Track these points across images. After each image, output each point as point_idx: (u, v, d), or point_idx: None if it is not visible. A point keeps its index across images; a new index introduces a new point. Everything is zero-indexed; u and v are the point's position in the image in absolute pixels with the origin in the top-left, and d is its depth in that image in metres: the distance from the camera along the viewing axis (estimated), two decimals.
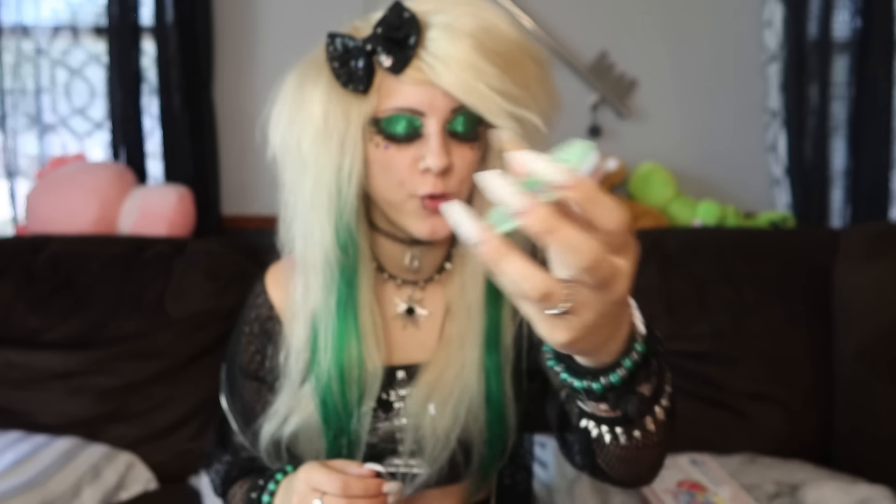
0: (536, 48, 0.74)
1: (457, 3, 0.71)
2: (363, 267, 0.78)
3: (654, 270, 1.49)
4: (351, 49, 0.71)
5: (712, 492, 1.13)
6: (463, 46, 0.67)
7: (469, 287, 0.80)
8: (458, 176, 0.72)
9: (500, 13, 0.72)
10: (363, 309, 0.78)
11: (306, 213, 0.74)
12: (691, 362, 1.44)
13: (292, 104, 0.74)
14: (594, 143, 0.90)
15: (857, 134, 1.85)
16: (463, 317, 0.80)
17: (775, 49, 1.87)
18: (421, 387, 0.79)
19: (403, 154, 0.71)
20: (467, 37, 0.67)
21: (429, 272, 0.84)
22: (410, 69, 0.69)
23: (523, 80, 0.70)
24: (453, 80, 0.67)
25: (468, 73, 0.67)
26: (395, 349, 0.83)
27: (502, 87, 0.68)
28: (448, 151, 0.71)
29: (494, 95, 0.68)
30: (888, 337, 1.40)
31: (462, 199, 0.74)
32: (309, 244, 0.75)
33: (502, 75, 0.68)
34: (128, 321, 1.38)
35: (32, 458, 1.20)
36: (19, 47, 1.78)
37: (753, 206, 1.95)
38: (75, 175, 1.66)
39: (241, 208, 1.87)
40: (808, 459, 1.38)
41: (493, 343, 0.79)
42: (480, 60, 0.67)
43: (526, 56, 0.71)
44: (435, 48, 0.68)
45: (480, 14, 0.70)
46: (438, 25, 0.69)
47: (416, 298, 0.84)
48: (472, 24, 0.68)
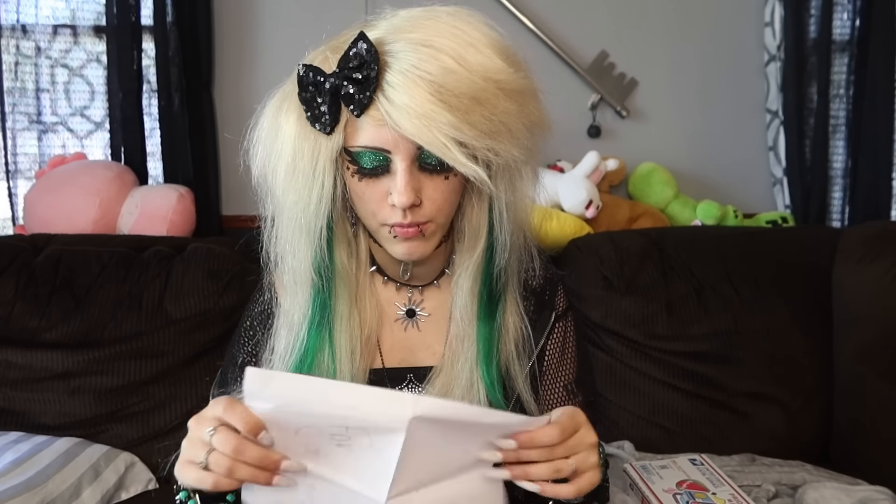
0: (510, 78, 0.68)
1: (428, 35, 0.67)
2: (340, 285, 0.80)
3: (654, 270, 1.49)
4: (317, 86, 0.69)
5: (712, 492, 1.13)
6: (417, 93, 0.64)
7: (456, 304, 0.82)
8: (431, 206, 0.73)
9: (478, 36, 0.68)
10: (340, 322, 0.80)
11: (285, 238, 0.78)
12: (691, 362, 1.44)
13: (267, 135, 0.75)
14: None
15: (857, 134, 1.85)
16: (454, 329, 0.83)
17: (775, 49, 1.87)
18: (432, 391, 0.81)
19: (374, 187, 0.72)
20: (423, 82, 0.64)
21: (427, 278, 0.86)
22: (372, 110, 0.68)
23: (490, 119, 0.67)
24: (408, 128, 0.66)
25: (422, 121, 0.65)
26: (401, 351, 0.85)
27: (462, 135, 0.66)
28: (417, 186, 0.71)
29: (450, 143, 0.65)
30: (888, 337, 1.40)
31: (439, 224, 0.75)
32: (287, 265, 0.79)
33: (462, 122, 0.65)
34: (128, 321, 1.38)
35: (32, 458, 1.20)
36: (19, 47, 1.78)
37: (753, 206, 1.95)
38: (75, 175, 1.66)
39: (241, 208, 1.87)
40: (807, 459, 1.38)
41: (485, 357, 0.80)
42: (438, 110, 0.64)
43: (496, 91, 0.67)
44: (392, 94, 0.65)
45: (449, 48, 0.66)
46: (397, 69, 0.66)
47: (415, 301, 0.86)
48: (432, 66, 0.65)
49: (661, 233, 1.61)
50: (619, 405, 1.45)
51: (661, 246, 1.54)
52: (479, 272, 0.80)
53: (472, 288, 0.80)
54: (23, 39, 1.78)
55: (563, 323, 0.92)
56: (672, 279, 1.49)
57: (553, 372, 0.90)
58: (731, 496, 1.11)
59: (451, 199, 0.75)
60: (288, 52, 1.88)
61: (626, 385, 1.45)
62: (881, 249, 1.47)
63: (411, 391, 0.84)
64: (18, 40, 1.77)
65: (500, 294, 0.82)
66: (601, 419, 1.44)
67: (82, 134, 1.84)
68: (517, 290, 0.84)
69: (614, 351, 1.46)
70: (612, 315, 1.46)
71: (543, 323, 0.88)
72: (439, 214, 0.74)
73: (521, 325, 0.83)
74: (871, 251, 1.47)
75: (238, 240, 1.57)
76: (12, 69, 1.77)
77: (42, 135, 1.81)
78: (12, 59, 1.77)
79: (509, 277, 0.82)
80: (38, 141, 1.81)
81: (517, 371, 0.82)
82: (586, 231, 1.68)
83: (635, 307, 1.45)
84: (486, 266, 0.80)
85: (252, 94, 1.84)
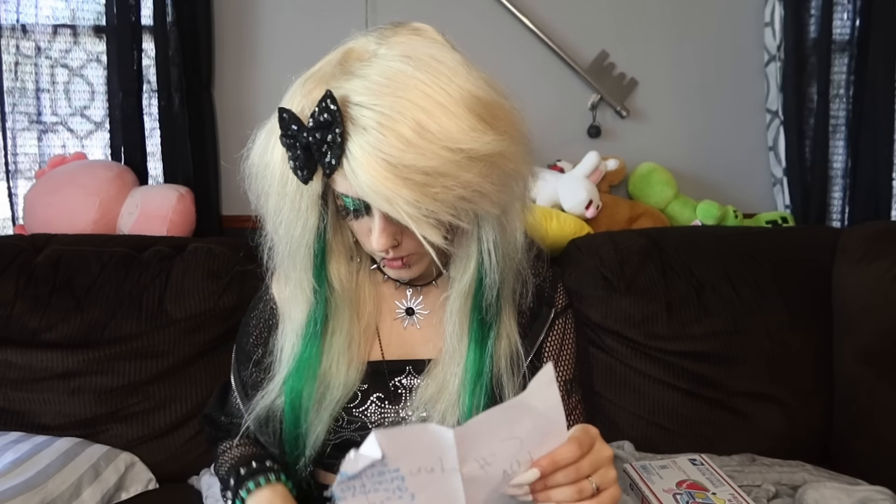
0: (477, 144, 0.65)
1: (395, 97, 0.65)
2: (337, 297, 0.83)
3: (654, 270, 1.49)
4: (295, 137, 0.69)
5: (712, 492, 1.13)
6: (377, 174, 0.64)
7: (447, 320, 0.84)
8: (410, 245, 0.76)
9: (449, 89, 0.66)
10: (338, 335, 0.83)
11: (280, 257, 0.82)
12: (691, 362, 1.44)
13: (260, 160, 0.77)
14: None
15: (857, 134, 1.85)
16: (448, 345, 0.84)
17: (775, 49, 1.87)
18: (431, 383, 0.84)
19: (359, 224, 0.76)
20: (384, 163, 0.64)
21: (425, 279, 0.90)
22: (337, 174, 0.68)
23: (453, 189, 0.66)
24: (374, 201, 0.66)
25: (380, 197, 0.65)
26: (401, 345, 0.89)
27: (422, 210, 0.65)
28: (394, 230, 0.74)
29: (417, 214, 0.66)
30: (888, 337, 1.40)
31: (422, 254, 0.78)
32: (283, 279, 0.86)
33: (423, 196, 0.65)
34: (128, 321, 1.38)
35: (32, 458, 1.20)
36: (19, 47, 1.78)
37: (753, 206, 1.95)
38: (75, 175, 1.66)
39: (241, 208, 1.86)
40: (807, 459, 1.38)
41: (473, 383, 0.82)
42: (396, 189, 0.64)
43: (459, 160, 0.65)
44: (355, 166, 0.65)
45: (411, 119, 0.64)
46: (358, 145, 0.65)
47: (414, 298, 0.90)
48: (391, 147, 0.63)
49: (661, 233, 1.61)
50: (619, 405, 1.45)
51: (661, 246, 1.54)
52: (469, 298, 0.81)
53: (463, 309, 0.82)
54: (23, 39, 1.78)
55: (562, 319, 0.93)
56: (672, 279, 1.49)
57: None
58: (731, 496, 1.11)
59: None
60: (288, 52, 1.90)
61: (626, 385, 1.45)
62: (881, 249, 1.47)
63: (409, 381, 0.87)
64: (18, 40, 1.77)
65: (492, 322, 0.83)
66: (601, 419, 1.44)
67: (82, 134, 1.84)
68: (514, 307, 0.85)
69: (614, 351, 1.46)
70: (612, 315, 1.46)
71: (543, 319, 0.90)
72: (419, 250, 0.77)
73: (515, 343, 0.84)
74: (871, 251, 1.47)
75: (238, 240, 1.57)
76: (12, 69, 1.77)
77: (42, 135, 1.81)
78: (12, 59, 1.77)
79: (503, 304, 0.83)
80: (38, 141, 1.81)
81: (507, 384, 0.83)
82: (586, 231, 1.68)
83: (635, 307, 1.45)
84: (476, 295, 0.81)
85: (252, 94, 1.84)
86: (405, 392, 0.87)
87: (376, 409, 0.86)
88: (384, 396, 0.86)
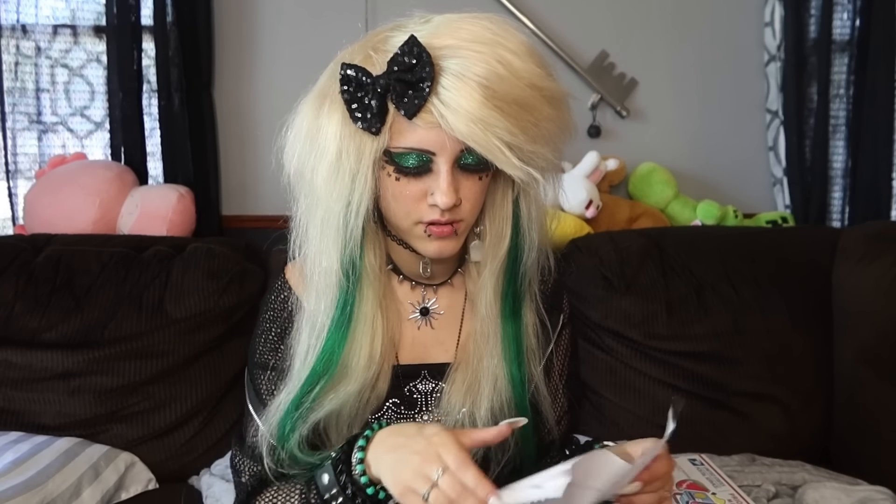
0: (551, 85, 0.72)
1: (473, 39, 0.68)
2: (366, 286, 0.80)
3: (654, 270, 1.49)
4: (364, 86, 0.70)
5: (712, 492, 1.13)
6: (473, 98, 0.66)
7: (480, 301, 0.84)
8: (466, 206, 0.75)
9: (517, 44, 0.70)
10: (364, 324, 0.80)
11: (316, 238, 0.78)
12: (691, 362, 1.44)
13: (307, 136, 0.75)
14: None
15: (857, 134, 1.85)
16: (480, 327, 0.84)
17: (775, 49, 1.87)
18: (454, 386, 0.84)
19: (413, 186, 0.74)
20: (478, 86, 0.66)
21: (442, 277, 0.89)
22: (422, 113, 0.69)
23: (535, 124, 0.70)
24: (463, 131, 0.67)
25: (478, 125, 0.67)
26: (415, 348, 0.88)
27: (512, 138, 0.68)
28: (456, 187, 0.73)
29: (503, 147, 0.68)
30: (888, 337, 1.40)
31: (468, 223, 0.78)
32: (315, 266, 0.79)
33: (513, 125, 0.68)
34: (128, 321, 1.38)
35: (32, 458, 1.20)
36: (19, 47, 1.78)
37: (753, 206, 1.95)
38: (75, 175, 1.66)
39: (241, 208, 1.87)
40: (807, 459, 1.38)
41: (513, 356, 0.83)
42: (491, 113, 0.66)
43: (539, 97, 0.70)
44: (446, 97, 0.67)
45: (496, 54, 0.68)
46: (450, 72, 0.67)
47: (429, 299, 0.89)
48: (485, 71, 0.67)
49: (661, 233, 1.61)
50: (619, 405, 1.44)
51: (661, 246, 1.54)
52: (503, 272, 0.82)
53: (497, 287, 0.82)
54: (23, 39, 1.78)
55: (568, 324, 0.96)
56: (672, 279, 1.49)
57: (557, 371, 0.94)
58: (731, 496, 1.11)
59: (482, 199, 0.78)
60: (288, 52, 1.90)
61: (626, 385, 1.45)
62: (881, 249, 1.47)
63: (425, 386, 0.86)
64: (18, 40, 1.77)
65: (524, 293, 0.84)
66: (602, 419, 1.45)
67: (82, 134, 1.84)
68: (536, 287, 0.87)
69: (614, 351, 1.46)
70: (612, 315, 1.46)
71: (553, 323, 0.91)
72: (472, 214, 0.77)
73: (538, 321, 0.86)
74: (871, 251, 1.47)
75: (238, 240, 1.57)
76: (12, 69, 1.77)
77: (42, 135, 1.82)
78: (12, 59, 1.77)
79: (532, 277, 0.84)
80: (38, 141, 1.81)
81: (534, 363, 0.85)
82: (586, 231, 1.68)
83: (635, 307, 1.45)
84: (510, 265, 0.81)
85: (252, 94, 1.84)
86: (420, 397, 0.86)
87: (392, 414, 0.85)
88: (399, 402, 0.85)
